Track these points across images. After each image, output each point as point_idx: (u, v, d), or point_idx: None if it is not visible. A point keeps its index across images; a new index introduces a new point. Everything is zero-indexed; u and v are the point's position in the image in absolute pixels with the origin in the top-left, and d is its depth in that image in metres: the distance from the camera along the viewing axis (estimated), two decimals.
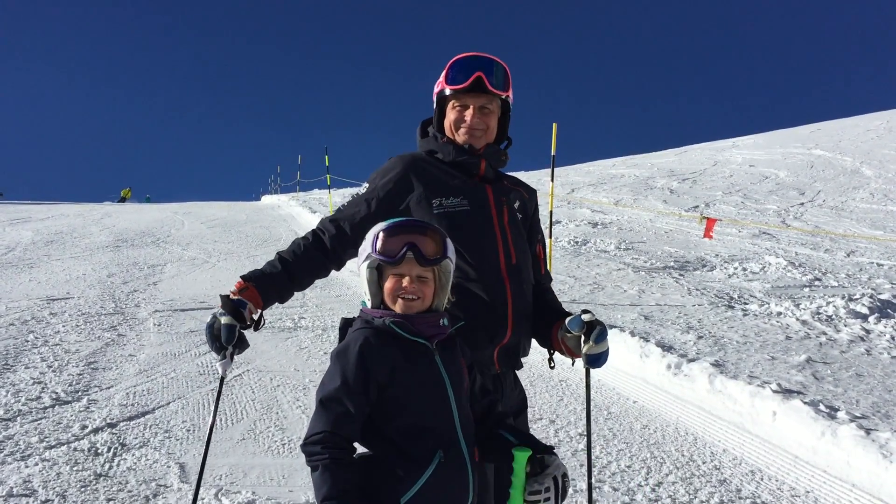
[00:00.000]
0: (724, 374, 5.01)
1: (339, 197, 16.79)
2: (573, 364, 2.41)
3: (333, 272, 2.45)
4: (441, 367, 1.92)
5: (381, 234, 1.93)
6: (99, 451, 4.03)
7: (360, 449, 1.89)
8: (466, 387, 2.00)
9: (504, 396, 2.35)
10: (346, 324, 2.00)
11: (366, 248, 1.97)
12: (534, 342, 2.48)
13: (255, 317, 2.25)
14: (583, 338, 2.21)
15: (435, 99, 2.45)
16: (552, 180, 8.80)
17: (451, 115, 2.41)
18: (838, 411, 4.31)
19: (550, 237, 8.32)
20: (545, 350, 2.47)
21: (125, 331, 6.76)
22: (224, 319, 2.14)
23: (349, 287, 8.92)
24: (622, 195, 18.53)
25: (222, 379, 2.26)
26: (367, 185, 2.43)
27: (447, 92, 2.38)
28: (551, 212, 8.60)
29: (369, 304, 1.97)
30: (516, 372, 2.45)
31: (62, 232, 14.65)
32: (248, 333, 2.21)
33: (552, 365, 2.46)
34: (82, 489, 3.58)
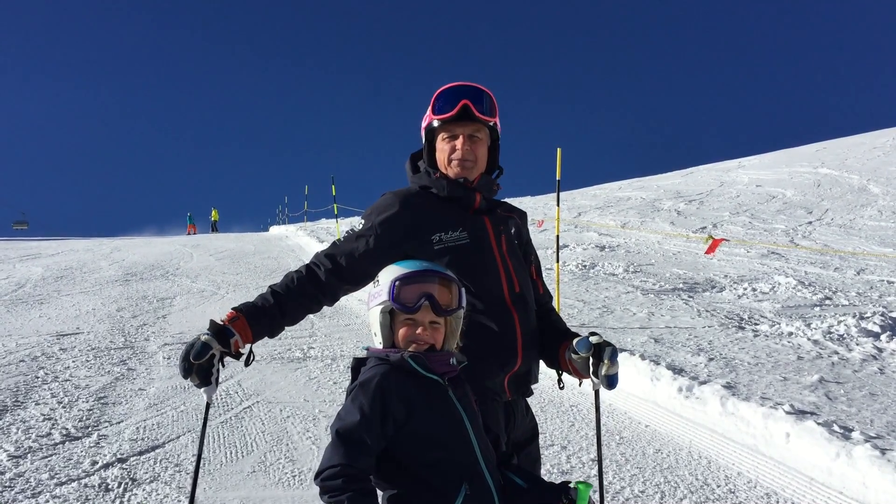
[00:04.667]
0: (737, 395, 4.96)
1: (346, 226, 16.86)
2: (580, 384, 2.40)
3: (340, 301, 2.44)
4: (455, 402, 1.94)
5: (397, 283, 1.96)
6: (109, 486, 4.01)
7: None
8: (480, 421, 2.01)
9: (515, 424, 2.34)
10: (358, 363, 2.01)
11: (380, 294, 1.99)
12: (542, 366, 2.48)
13: (244, 351, 2.23)
14: (592, 360, 2.21)
15: (423, 133, 2.45)
16: (558, 204, 8.83)
17: (443, 148, 2.41)
18: (853, 431, 4.26)
19: (558, 261, 8.32)
20: (554, 374, 2.47)
21: (135, 365, 6.77)
22: (204, 338, 2.11)
23: (358, 316, 8.93)
24: (629, 218, 18.55)
25: (207, 405, 2.24)
26: (362, 221, 2.42)
27: (435, 124, 2.38)
28: (558, 236, 8.61)
29: (380, 345, 1.99)
30: (527, 399, 2.45)
31: (72, 267, 14.75)
32: (241, 366, 2.18)
33: (561, 385, 2.46)
34: None
